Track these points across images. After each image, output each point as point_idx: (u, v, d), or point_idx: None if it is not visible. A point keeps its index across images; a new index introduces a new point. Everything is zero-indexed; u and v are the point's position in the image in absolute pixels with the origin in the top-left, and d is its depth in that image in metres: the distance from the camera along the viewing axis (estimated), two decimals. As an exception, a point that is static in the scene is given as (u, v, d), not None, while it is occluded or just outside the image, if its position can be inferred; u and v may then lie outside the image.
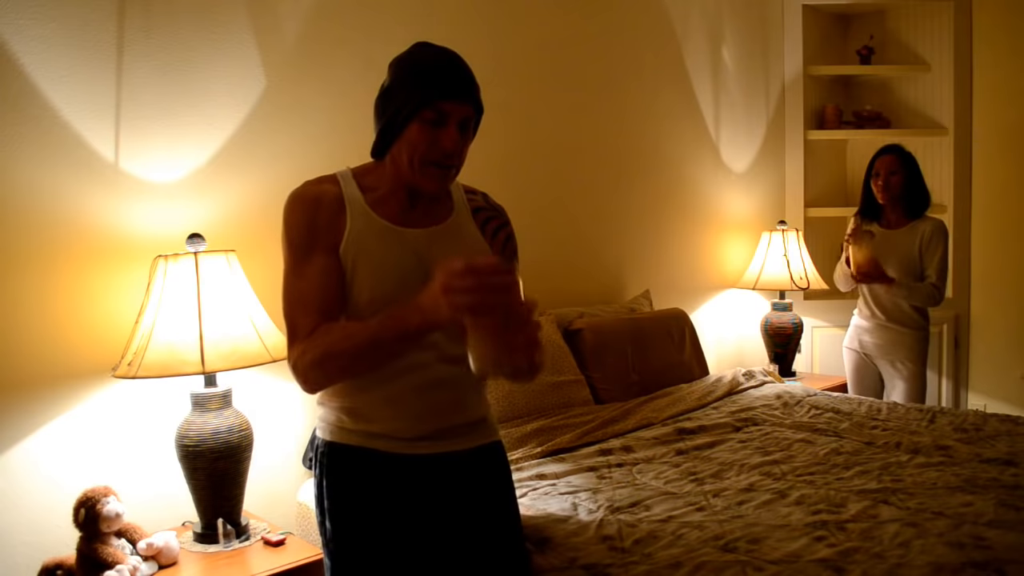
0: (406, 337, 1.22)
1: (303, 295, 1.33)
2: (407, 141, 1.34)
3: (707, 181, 3.75)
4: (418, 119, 1.32)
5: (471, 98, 1.35)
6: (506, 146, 2.89)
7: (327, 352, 1.27)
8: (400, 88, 1.34)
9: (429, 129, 1.33)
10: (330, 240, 1.36)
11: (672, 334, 3.02)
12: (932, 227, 3.00)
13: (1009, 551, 1.47)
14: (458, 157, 1.37)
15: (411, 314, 1.19)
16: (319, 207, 1.37)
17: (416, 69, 1.34)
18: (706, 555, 1.55)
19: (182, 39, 2.08)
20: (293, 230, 1.36)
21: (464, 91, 1.34)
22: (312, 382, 1.33)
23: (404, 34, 2.56)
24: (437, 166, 1.35)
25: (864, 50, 4.14)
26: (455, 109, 1.33)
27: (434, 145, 1.33)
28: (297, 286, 1.34)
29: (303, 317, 1.32)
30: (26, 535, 1.86)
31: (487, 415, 1.53)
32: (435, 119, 1.32)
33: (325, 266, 1.34)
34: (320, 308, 1.32)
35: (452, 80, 1.33)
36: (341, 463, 1.43)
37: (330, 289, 1.34)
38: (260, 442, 2.02)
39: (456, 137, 1.34)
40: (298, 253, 1.35)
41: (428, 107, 1.31)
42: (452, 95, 1.32)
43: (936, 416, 2.49)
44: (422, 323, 1.19)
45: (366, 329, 1.25)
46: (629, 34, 3.35)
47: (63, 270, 1.91)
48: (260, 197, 2.22)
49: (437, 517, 1.43)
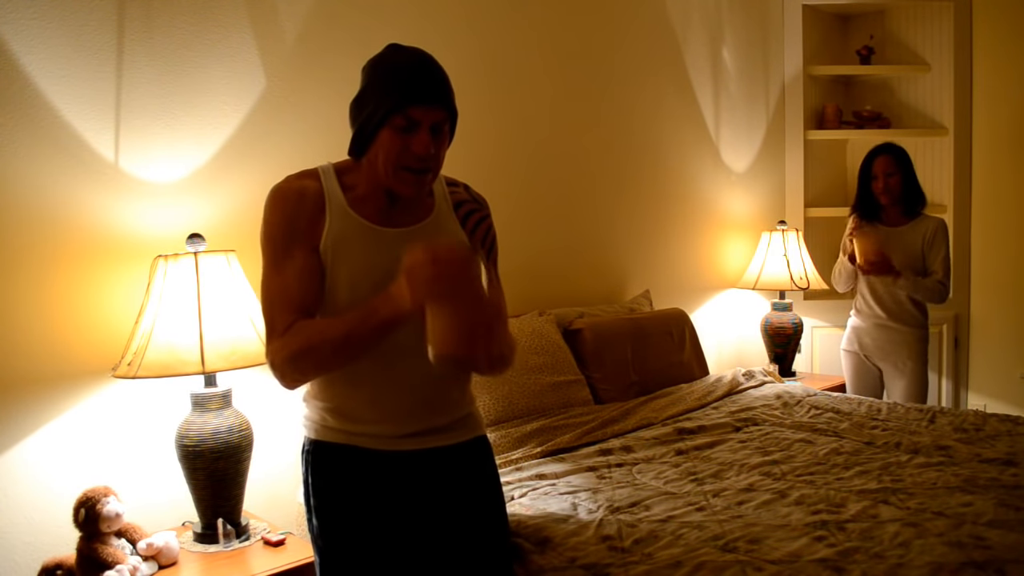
0: (378, 328, 1.23)
1: (282, 292, 1.33)
2: (380, 147, 1.34)
3: (707, 181, 3.75)
4: (389, 125, 1.32)
5: (443, 102, 1.34)
6: (505, 147, 2.89)
7: (303, 347, 1.27)
8: (372, 93, 1.34)
9: (400, 135, 1.32)
10: (310, 237, 1.36)
11: (672, 334, 3.02)
12: (935, 225, 3.01)
13: (1009, 551, 1.47)
14: (433, 160, 1.36)
15: (381, 304, 1.22)
16: (301, 204, 1.36)
17: (386, 74, 1.34)
18: (706, 555, 1.55)
19: (182, 39, 2.08)
20: (274, 226, 1.36)
21: (434, 96, 1.33)
22: (290, 377, 1.33)
23: (404, 34, 2.57)
24: (411, 171, 1.35)
25: (864, 50, 4.14)
26: (426, 114, 1.32)
27: (406, 151, 1.33)
28: (276, 283, 1.34)
29: (281, 314, 1.32)
30: (26, 535, 1.86)
31: (472, 411, 1.53)
32: (406, 125, 1.32)
33: (304, 263, 1.34)
34: (299, 305, 1.33)
35: (422, 85, 1.32)
36: (326, 460, 1.44)
37: (309, 286, 1.34)
38: (260, 442, 2.02)
39: (428, 142, 1.33)
40: (278, 249, 1.35)
41: (398, 113, 1.31)
42: (422, 100, 1.31)
43: (936, 416, 2.49)
44: (391, 312, 1.21)
45: (340, 323, 1.27)
46: (629, 35, 3.35)
47: (63, 270, 1.91)
48: (260, 197, 2.17)
49: (422, 512, 1.44)
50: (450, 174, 1.61)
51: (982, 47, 3.97)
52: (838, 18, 4.38)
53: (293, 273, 1.34)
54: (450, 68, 1.33)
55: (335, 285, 1.36)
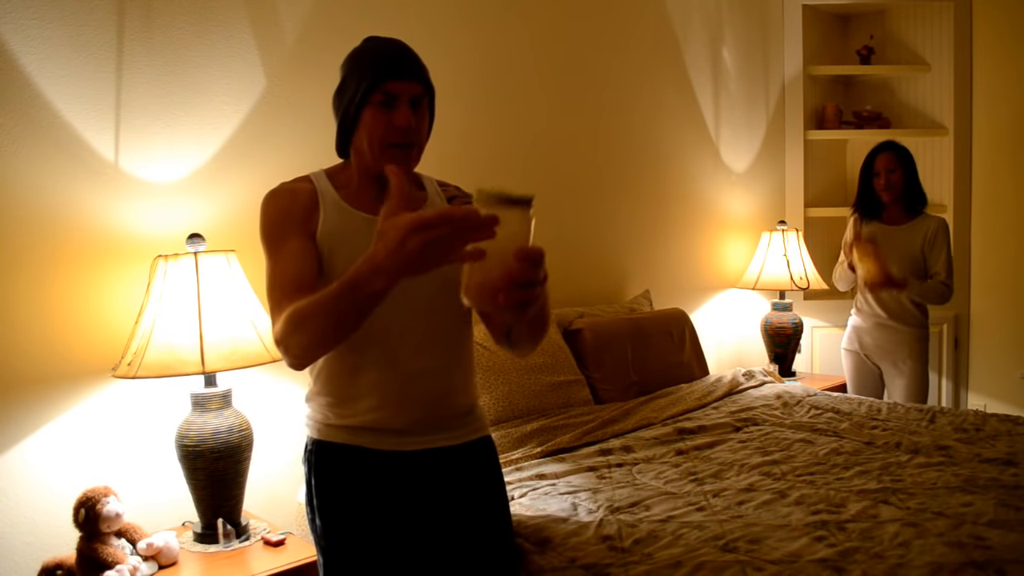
0: (367, 299, 1.12)
1: (282, 276, 1.35)
2: (364, 128, 1.38)
3: (707, 181, 3.75)
4: (369, 104, 1.36)
5: (417, 76, 1.39)
6: (505, 147, 2.89)
7: (299, 318, 1.22)
8: (351, 78, 1.40)
9: (381, 111, 1.36)
10: (305, 228, 1.38)
11: (672, 334, 3.02)
12: (936, 225, 3.00)
13: (1009, 551, 1.47)
14: (416, 134, 1.39)
15: (370, 273, 1.08)
16: (294, 200, 1.40)
17: (361, 59, 1.40)
18: (706, 555, 1.54)
19: (182, 39, 2.08)
20: (268, 223, 1.40)
21: (409, 70, 1.38)
22: (292, 354, 1.27)
23: (403, 35, 2.57)
24: (396, 147, 1.38)
25: (864, 50, 4.14)
26: (403, 88, 1.36)
27: (389, 126, 1.36)
28: (276, 271, 1.36)
29: (283, 297, 1.32)
30: (26, 535, 1.86)
31: (475, 404, 1.53)
32: (385, 100, 1.36)
33: (301, 248, 1.36)
34: (298, 284, 1.32)
35: (396, 61, 1.37)
36: (329, 461, 1.44)
37: (307, 269, 1.35)
38: (260, 442, 2.02)
39: (408, 114, 1.36)
40: (275, 241, 1.38)
41: (376, 90, 1.35)
42: (398, 75, 1.36)
43: (936, 416, 2.49)
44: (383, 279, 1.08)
45: (330, 289, 1.17)
46: (629, 35, 3.35)
47: (63, 270, 1.91)
48: (260, 197, 2.20)
49: (427, 514, 1.44)
50: (450, 174, 1.62)
51: (982, 47, 3.97)
52: (838, 18, 4.38)
53: (290, 258, 1.35)
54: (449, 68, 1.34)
55: (332, 275, 1.36)
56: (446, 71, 2.67)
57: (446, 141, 2.67)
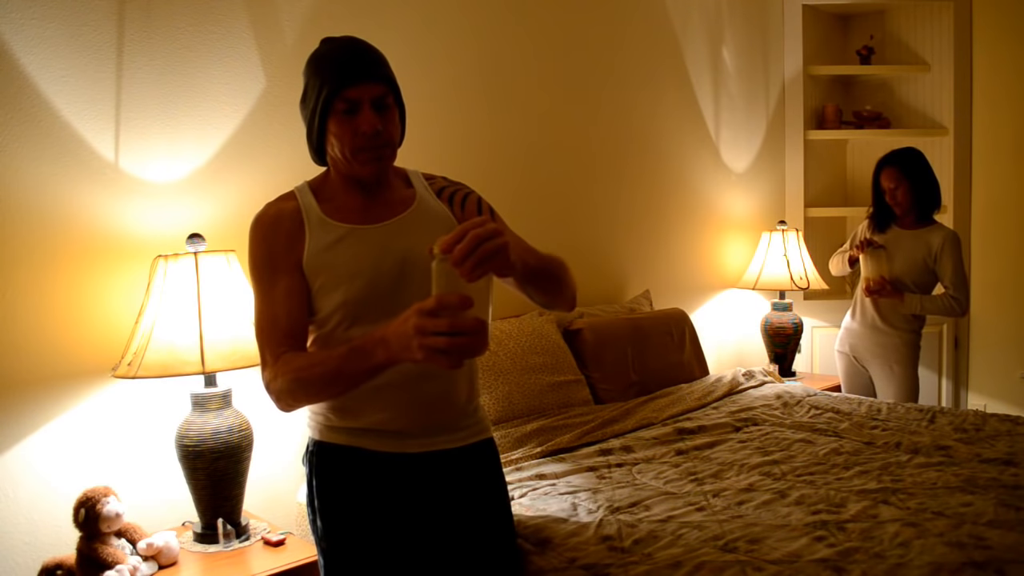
0: (370, 371, 1.23)
1: (272, 321, 1.36)
2: (333, 136, 1.37)
3: (707, 181, 3.75)
4: (333, 113, 1.35)
5: (375, 76, 1.36)
6: (505, 147, 2.89)
7: (296, 380, 1.29)
8: (310, 88, 1.39)
9: (345, 119, 1.35)
10: (291, 260, 1.39)
11: (672, 334, 3.02)
12: (941, 238, 2.94)
13: (1009, 551, 1.47)
14: (386, 135, 1.38)
15: (378, 349, 1.18)
16: (278, 228, 1.40)
17: (317, 66, 1.38)
18: (706, 555, 1.55)
19: (182, 39, 2.08)
20: (255, 256, 1.41)
21: (365, 72, 1.35)
22: (284, 404, 1.35)
23: (403, 34, 2.58)
24: (368, 151, 1.37)
25: (864, 50, 4.14)
26: (362, 92, 1.35)
27: (356, 132, 1.35)
28: (265, 312, 1.38)
29: (272, 343, 1.35)
30: (26, 535, 1.86)
31: (478, 407, 1.53)
32: (347, 107, 1.35)
33: (289, 288, 1.37)
34: (287, 331, 1.36)
35: (350, 65, 1.35)
36: (330, 462, 1.44)
37: (297, 311, 1.37)
38: (260, 442, 2.02)
39: (372, 118, 1.35)
40: (263, 278, 1.39)
41: (335, 98, 1.34)
42: (353, 79, 1.34)
43: (936, 416, 2.49)
44: (387, 359, 1.18)
45: (332, 359, 1.26)
46: (629, 34, 3.35)
47: (63, 270, 1.91)
48: (260, 197, 2.18)
49: (428, 517, 1.44)
50: (449, 174, 1.61)
51: (982, 47, 3.97)
52: (838, 18, 4.38)
53: (279, 300, 1.37)
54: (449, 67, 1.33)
55: (326, 294, 1.38)
56: (446, 71, 2.68)
57: (446, 141, 2.68)
